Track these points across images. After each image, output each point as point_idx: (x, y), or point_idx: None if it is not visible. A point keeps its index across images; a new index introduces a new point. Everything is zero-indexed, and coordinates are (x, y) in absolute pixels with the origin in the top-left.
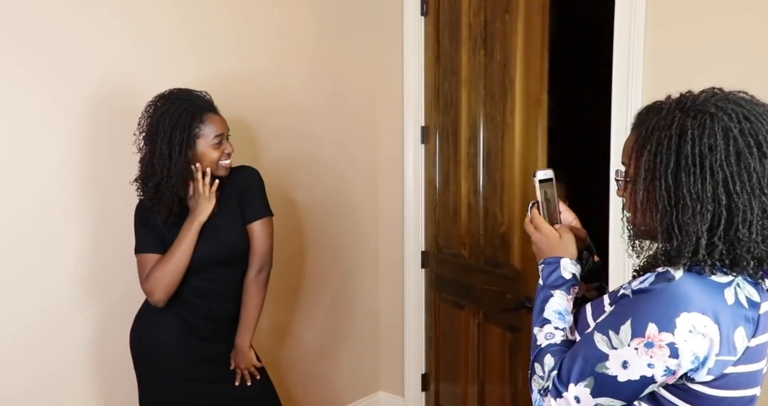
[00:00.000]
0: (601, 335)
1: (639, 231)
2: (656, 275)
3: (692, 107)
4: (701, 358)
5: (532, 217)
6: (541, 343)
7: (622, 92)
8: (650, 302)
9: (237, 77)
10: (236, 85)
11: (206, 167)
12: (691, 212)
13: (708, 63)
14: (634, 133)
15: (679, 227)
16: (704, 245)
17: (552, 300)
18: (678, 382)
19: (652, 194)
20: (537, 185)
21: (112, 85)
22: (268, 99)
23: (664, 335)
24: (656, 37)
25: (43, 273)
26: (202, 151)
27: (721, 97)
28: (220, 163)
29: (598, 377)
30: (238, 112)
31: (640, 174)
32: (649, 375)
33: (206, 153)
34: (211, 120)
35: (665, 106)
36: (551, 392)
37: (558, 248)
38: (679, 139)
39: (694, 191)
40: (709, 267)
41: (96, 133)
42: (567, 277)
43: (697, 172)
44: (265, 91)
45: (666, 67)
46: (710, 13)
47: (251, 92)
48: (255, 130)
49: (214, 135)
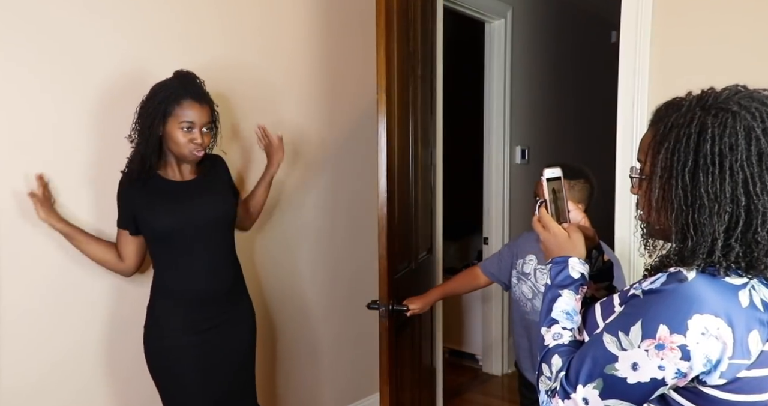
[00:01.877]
0: (610, 336)
1: (652, 230)
2: (668, 276)
3: (714, 105)
4: (714, 361)
5: (540, 216)
6: (548, 343)
7: (627, 91)
8: (661, 302)
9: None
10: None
11: (175, 151)
12: (708, 212)
13: (721, 61)
14: (651, 129)
15: (694, 228)
16: (720, 246)
17: (560, 300)
18: (689, 385)
19: (668, 193)
20: (545, 184)
21: (112, 75)
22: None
23: (676, 336)
24: (663, 34)
25: (51, 263)
26: (169, 130)
27: (745, 95)
28: (189, 150)
29: (607, 378)
30: (245, 113)
31: (656, 172)
32: (659, 377)
33: (172, 133)
34: (188, 106)
35: (685, 102)
36: (559, 393)
37: (566, 248)
38: (699, 137)
39: (712, 191)
40: (724, 269)
41: (88, 124)
42: (575, 276)
43: (716, 172)
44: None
45: (673, 63)
46: (721, 6)
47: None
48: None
49: (184, 120)
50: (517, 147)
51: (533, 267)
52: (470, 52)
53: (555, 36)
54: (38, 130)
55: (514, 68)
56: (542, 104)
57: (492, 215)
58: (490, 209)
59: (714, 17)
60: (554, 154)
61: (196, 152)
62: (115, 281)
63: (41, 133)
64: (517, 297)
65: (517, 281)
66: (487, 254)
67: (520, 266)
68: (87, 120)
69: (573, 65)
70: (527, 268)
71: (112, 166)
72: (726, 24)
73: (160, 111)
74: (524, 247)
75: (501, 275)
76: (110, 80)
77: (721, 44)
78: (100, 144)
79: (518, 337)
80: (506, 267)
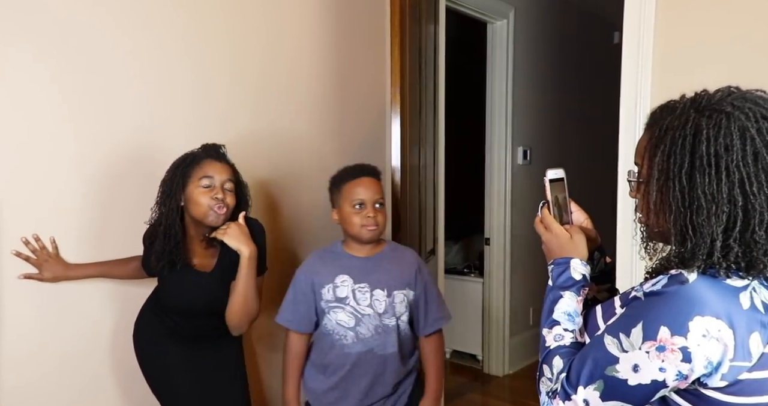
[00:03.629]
0: (611, 338)
1: (652, 233)
2: (669, 278)
3: (707, 106)
4: (715, 363)
5: (542, 217)
6: (549, 344)
7: (630, 93)
8: (662, 304)
9: None
10: None
11: (197, 214)
12: (705, 213)
13: (722, 61)
14: (647, 133)
15: (693, 229)
16: (719, 247)
17: (561, 301)
18: (690, 387)
19: (666, 195)
20: (547, 185)
21: (119, 92)
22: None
23: (677, 338)
24: (666, 35)
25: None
26: (189, 192)
27: (738, 96)
28: (209, 206)
29: (608, 380)
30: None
31: (653, 175)
32: (660, 379)
33: (192, 195)
34: (207, 163)
35: (679, 105)
36: (560, 394)
37: (568, 249)
38: (694, 139)
39: (709, 192)
40: (724, 270)
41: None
42: (577, 278)
43: (713, 173)
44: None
45: (676, 65)
46: (724, 6)
47: None
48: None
49: (203, 175)
50: (519, 148)
51: (350, 288)
52: (472, 53)
53: (557, 37)
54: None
55: (516, 69)
56: (544, 105)
57: (494, 215)
58: (492, 210)
59: (718, 17)
60: (556, 155)
61: (217, 209)
62: None
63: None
64: (330, 330)
65: (329, 311)
66: (488, 255)
67: (328, 292)
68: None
69: (575, 66)
70: (341, 292)
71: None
72: (730, 24)
73: (179, 176)
74: (327, 270)
75: (301, 320)
76: None
77: (726, 45)
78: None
79: (335, 383)
80: (305, 306)
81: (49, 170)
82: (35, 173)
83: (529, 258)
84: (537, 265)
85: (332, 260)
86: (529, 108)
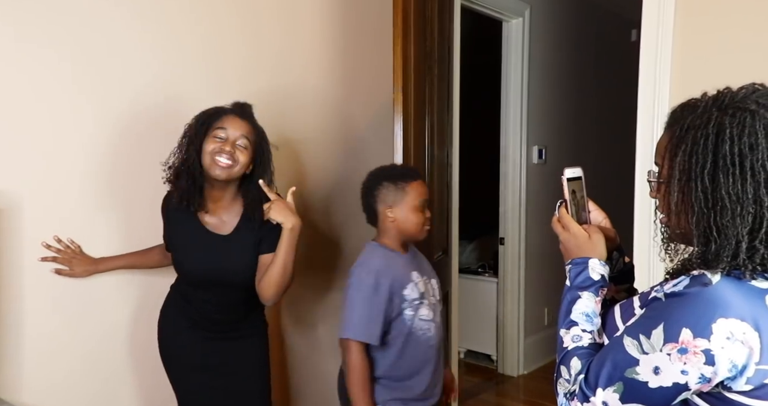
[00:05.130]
0: (631, 339)
1: (673, 234)
2: (691, 278)
3: (731, 104)
4: (739, 366)
5: (560, 216)
6: (567, 345)
7: (648, 91)
8: (685, 306)
9: None
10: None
11: (204, 163)
12: (730, 214)
13: (745, 58)
14: (667, 132)
15: (717, 230)
16: (744, 248)
17: (579, 302)
18: (714, 390)
19: (688, 196)
20: (565, 184)
21: (142, 88)
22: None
23: (699, 341)
24: (685, 32)
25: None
26: (204, 143)
27: (763, 94)
28: (214, 158)
29: (628, 382)
30: None
31: (675, 175)
32: (682, 382)
33: (204, 144)
34: (227, 118)
35: (701, 103)
36: (578, 396)
37: (586, 248)
38: (717, 138)
39: (734, 193)
40: (750, 272)
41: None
42: (595, 278)
43: (737, 173)
44: None
45: (695, 63)
46: (744, 7)
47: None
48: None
49: (217, 127)
50: (534, 147)
51: (423, 282)
52: (487, 51)
53: (574, 35)
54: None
55: (532, 67)
56: (560, 104)
57: (509, 215)
58: (507, 209)
59: (738, 13)
60: (572, 155)
61: (219, 160)
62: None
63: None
64: (414, 328)
65: (413, 310)
66: (503, 255)
67: (412, 291)
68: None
69: (592, 64)
70: (421, 287)
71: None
72: (753, 20)
73: (200, 124)
74: (399, 270)
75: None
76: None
77: (749, 41)
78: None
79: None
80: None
81: (72, 170)
82: (57, 177)
83: (544, 258)
84: (552, 265)
85: (394, 259)
86: (545, 107)
